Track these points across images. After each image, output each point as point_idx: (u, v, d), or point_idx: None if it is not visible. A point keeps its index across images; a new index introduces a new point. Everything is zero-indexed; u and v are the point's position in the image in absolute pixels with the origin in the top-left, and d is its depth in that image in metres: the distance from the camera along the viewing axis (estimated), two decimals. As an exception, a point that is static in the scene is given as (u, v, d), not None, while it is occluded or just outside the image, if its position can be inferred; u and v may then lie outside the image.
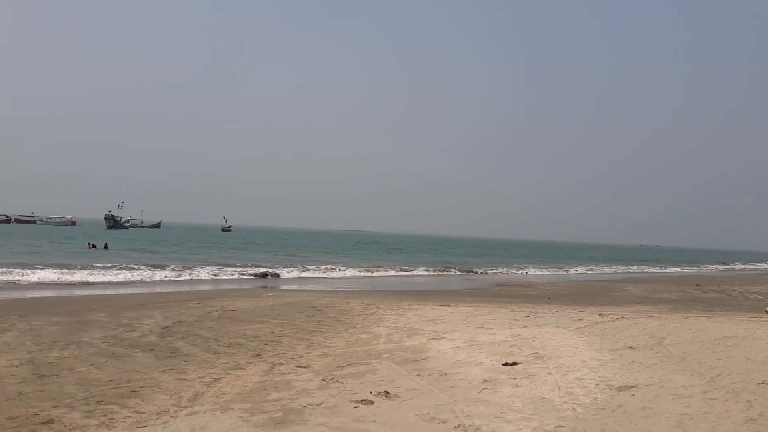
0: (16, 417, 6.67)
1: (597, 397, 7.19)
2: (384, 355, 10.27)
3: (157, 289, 24.37)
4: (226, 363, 9.80)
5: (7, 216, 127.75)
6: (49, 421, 6.52)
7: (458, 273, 44.71)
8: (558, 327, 12.95)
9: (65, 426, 6.39)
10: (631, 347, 10.38)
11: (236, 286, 26.93)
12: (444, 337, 11.86)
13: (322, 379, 8.52)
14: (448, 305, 18.40)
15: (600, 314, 15.51)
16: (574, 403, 6.94)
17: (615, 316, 14.85)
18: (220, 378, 8.72)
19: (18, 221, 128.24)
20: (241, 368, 9.42)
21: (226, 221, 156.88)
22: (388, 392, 7.62)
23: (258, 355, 10.52)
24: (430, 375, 8.64)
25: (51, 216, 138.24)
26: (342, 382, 8.31)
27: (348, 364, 9.58)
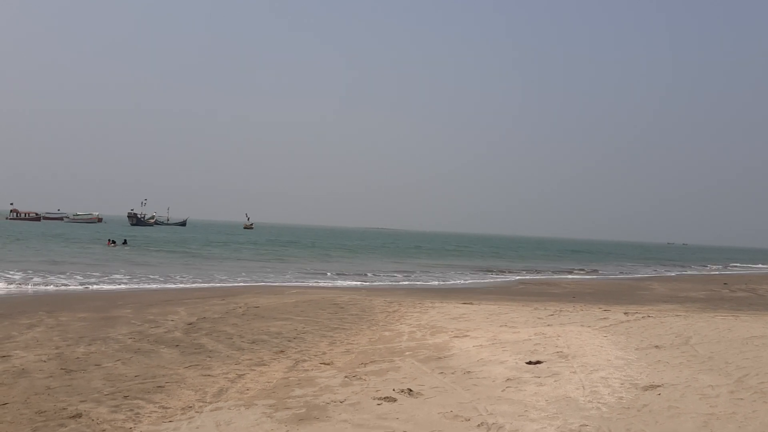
0: (45, 411, 6.77)
1: (622, 397, 7.12)
2: (407, 353, 10.26)
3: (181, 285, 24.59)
4: (250, 359, 9.86)
5: (37, 214, 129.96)
6: (77, 416, 6.61)
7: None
8: (583, 326, 12.84)
9: (93, 420, 6.47)
10: (657, 346, 10.26)
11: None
12: (467, 335, 11.82)
13: (345, 376, 8.53)
14: (471, 303, 18.34)
15: (625, 313, 15.36)
16: (599, 403, 6.87)
17: (640, 315, 14.69)
18: (244, 374, 8.78)
19: (46, 218, 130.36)
20: (264, 364, 9.48)
21: (248, 219, 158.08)
22: (411, 390, 7.62)
23: (281, 351, 10.58)
24: (453, 373, 8.62)
25: (78, 213, 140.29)
26: (365, 380, 8.32)
27: (371, 362, 9.59)
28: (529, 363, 9.00)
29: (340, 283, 29.40)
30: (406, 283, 31.54)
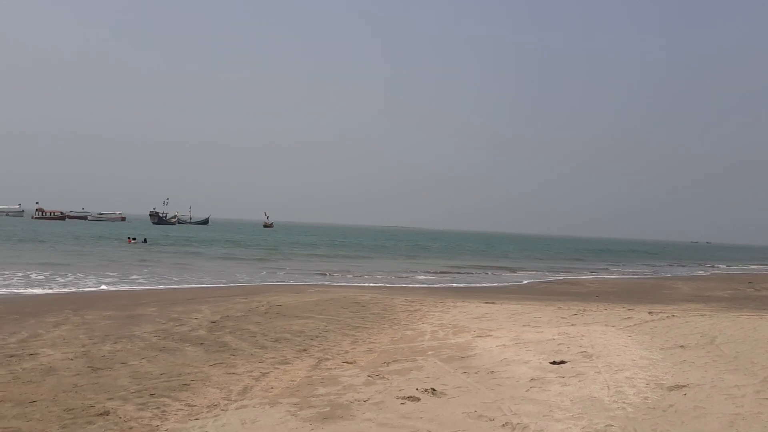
0: (73, 409, 6.86)
1: (647, 397, 7.06)
2: (429, 352, 10.26)
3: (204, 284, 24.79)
4: (273, 357, 9.92)
5: (61, 213, 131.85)
6: (104, 413, 6.70)
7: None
8: (607, 325, 12.75)
9: (120, 418, 6.55)
10: (682, 346, 10.16)
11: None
12: (490, 335, 11.79)
13: (368, 375, 8.55)
14: (494, 302, 18.29)
15: (649, 312, 15.22)
16: (624, 403, 6.83)
17: (665, 315, 14.55)
18: (268, 372, 8.83)
19: (70, 217, 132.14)
20: (288, 363, 9.53)
21: (267, 218, 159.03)
22: (434, 389, 7.61)
23: (304, 350, 10.62)
24: (476, 373, 8.60)
25: (102, 212, 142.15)
26: (388, 379, 8.33)
27: (393, 361, 9.60)
28: (553, 363, 8.96)
29: (360, 282, 29.45)
30: (426, 281, 31.52)
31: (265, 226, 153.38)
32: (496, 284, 31.15)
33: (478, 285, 30.22)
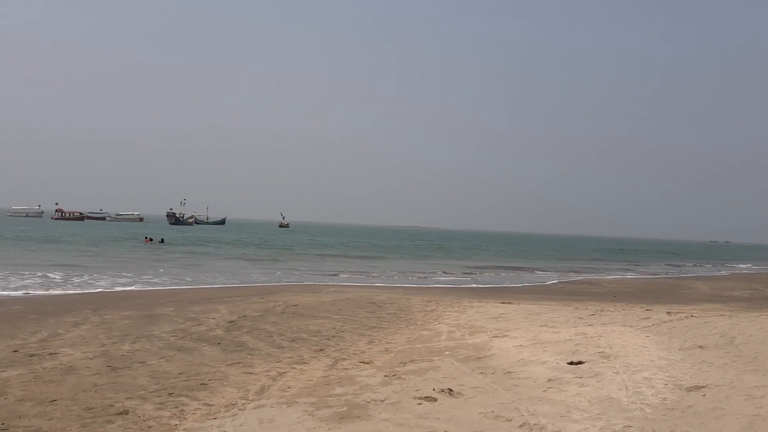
0: (93, 408, 6.93)
1: (666, 398, 7.01)
2: (446, 353, 10.25)
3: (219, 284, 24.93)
4: (290, 357, 9.96)
5: (81, 213, 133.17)
6: (124, 412, 6.76)
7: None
8: (624, 325, 12.67)
9: (139, 417, 6.60)
10: (700, 346, 10.07)
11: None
12: (507, 335, 11.76)
13: (385, 375, 8.56)
14: (510, 303, 18.23)
15: (668, 312, 15.10)
16: (643, 403, 6.78)
17: (683, 315, 14.43)
18: (285, 372, 8.87)
19: (89, 218, 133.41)
20: (305, 363, 9.56)
21: (283, 218, 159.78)
22: (451, 389, 7.61)
23: (321, 350, 10.65)
24: (493, 373, 8.58)
25: (120, 213, 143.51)
26: (404, 379, 8.33)
27: (410, 361, 9.60)
28: (571, 363, 8.92)
29: (376, 282, 29.46)
30: (442, 282, 31.48)
31: (281, 226, 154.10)
32: (512, 284, 31.05)
33: (495, 285, 30.13)
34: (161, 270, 30.30)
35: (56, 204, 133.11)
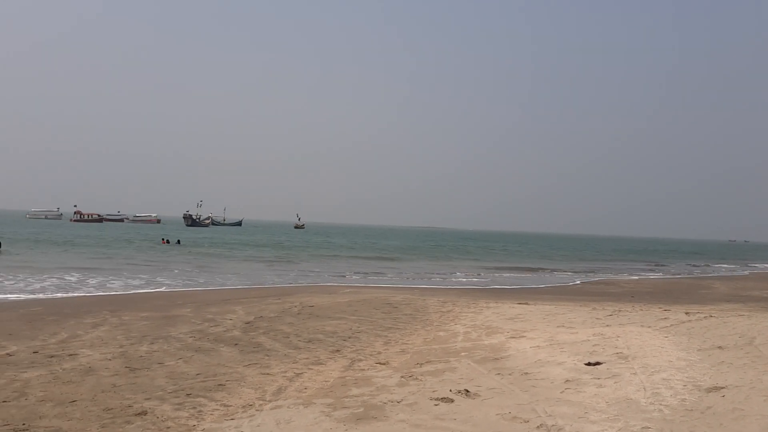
0: (112, 408, 6.99)
1: (685, 399, 6.95)
2: (462, 353, 10.23)
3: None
4: (306, 358, 9.98)
5: (99, 215, 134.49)
6: (142, 413, 6.81)
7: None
8: (642, 326, 12.58)
9: (158, 417, 6.65)
10: (719, 347, 9.97)
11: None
12: (524, 336, 11.71)
13: (401, 376, 8.56)
14: (527, 303, 18.17)
15: (686, 313, 14.97)
16: (661, 405, 6.73)
17: (702, 315, 14.30)
18: (301, 373, 8.89)
19: (107, 220, 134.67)
20: (321, 363, 9.58)
21: (299, 219, 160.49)
22: (468, 390, 7.59)
23: (337, 350, 10.67)
24: (510, 374, 8.55)
25: (138, 215, 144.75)
26: (421, 380, 8.33)
27: (426, 362, 9.59)
28: (588, 364, 8.87)
29: (392, 282, 29.46)
30: (458, 282, 31.41)
31: (297, 227, 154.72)
32: (529, 285, 30.93)
33: (512, 286, 30.04)
34: (178, 271, 30.49)
35: (75, 206, 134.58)
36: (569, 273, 41.79)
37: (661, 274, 44.92)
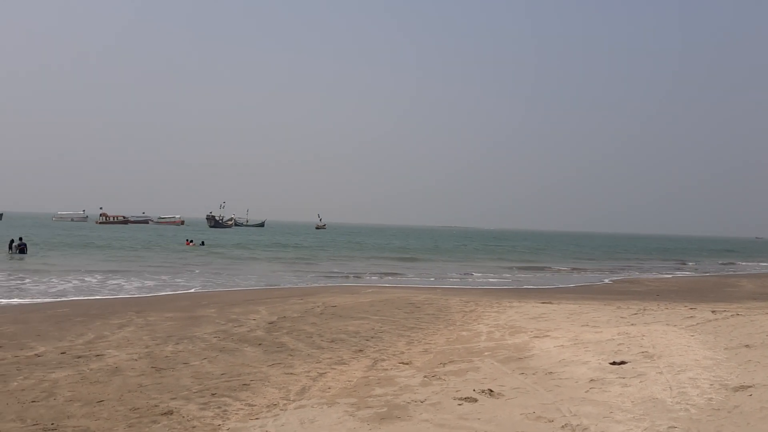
0: (138, 408, 7.07)
1: (712, 398, 6.86)
2: (486, 353, 10.20)
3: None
4: (330, 358, 10.02)
5: (124, 217, 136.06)
6: (168, 413, 6.88)
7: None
8: (668, 325, 12.45)
9: (183, 417, 6.72)
10: (747, 345, 9.83)
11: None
12: (547, 335, 11.65)
13: (425, 376, 8.55)
14: (551, 302, 18.07)
15: (713, 311, 14.78)
16: (688, 404, 6.65)
17: (729, 313, 14.10)
18: (325, 372, 8.93)
19: (132, 222, 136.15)
20: (344, 363, 9.61)
21: (320, 219, 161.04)
22: (491, 390, 7.57)
23: (360, 350, 10.70)
24: (534, 374, 8.51)
25: (162, 216, 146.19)
26: (444, 380, 8.32)
27: (449, 362, 9.58)
28: (613, 363, 8.80)
29: (413, 282, 29.45)
30: (481, 282, 31.32)
31: (318, 227, 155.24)
32: (552, 285, 30.75)
33: (535, 285, 29.88)
34: (202, 272, 30.76)
35: (100, 208, 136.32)
36: (594, 272, 41.49)
37: (686, 272, 44.41)
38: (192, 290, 22.65)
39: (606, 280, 33.70)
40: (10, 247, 38.14)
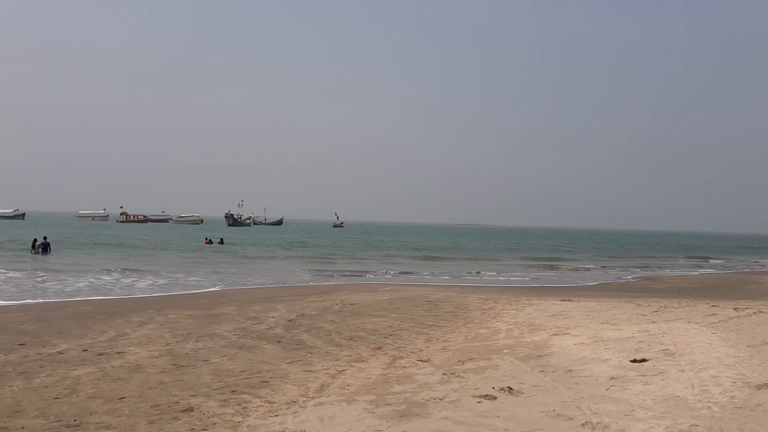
0: (159, 405, 7.13)
1: (734, 396, 6.79)
2: (505, 351, 10.17)
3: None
4: (348, 355, 10.04)
5: (144, 216, 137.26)
6: (189, 409, 6.93)
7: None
8: (689, 322, 12.33)
9: (204, 414, 6.77)
10: (771, 344, 9.72)
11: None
12: (567, 333, 11.59)
13: (443, 374, 8.54)
14: (570, 300, 17.96)
15: (735, 308, 14.62)
16: (710, 402, 6.59)
17: (751, 311, 13.95)
18: (344, 370, 8.95)
19: (152, 220, 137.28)
20: (363, 361, 9.62)
21: (337, 217, 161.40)
22: (511, 388, 7.54)
23: (379, 348, 10.70)
24: (554, 371, 8.47)
25: (182, 215, 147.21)
26: (463, 377, 8.30)
27: (468, 359, 9.55)
28: (634, 361, 8.73)
29: (432, 280, 29.40)
30: (499, 280, 31.20)
31: (335, 226, 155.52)
32: (572, 282, 30.56)
33: (554, 283, 29.72)
34: (220, 270, 30.93)
35: (121, 207, 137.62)
36: (615, 269, 41.20)
37: (708, 269, 43.95)
38: (211, 288, 22.78)
39: (626, 278, 33.45)
40: (33, 247, 38.68)
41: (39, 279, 24.01)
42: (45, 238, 39.98)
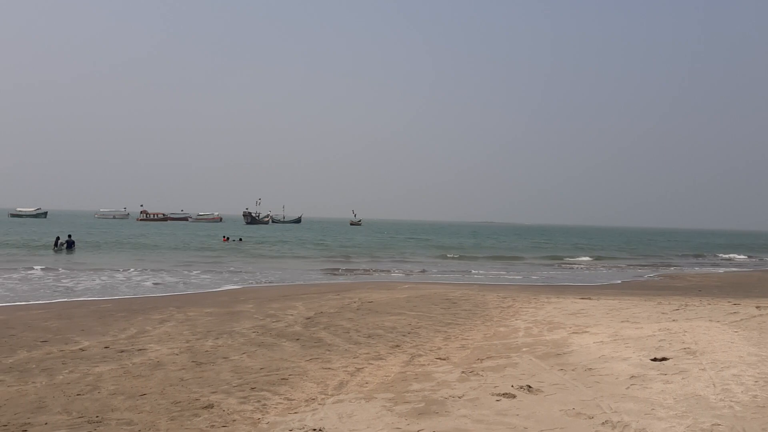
0: (180, 401, 7.19)
1: (756, 395, 6.72)
2: (524, 349, 10.13)
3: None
4: (367, 353, 10.05)
5: (164, 214, 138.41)
6: (209, 406, 6.99)
7: None
8: (711, 320, 12.21)
9: (224, 411, 6.81)
10: (794, 343, 9.60)
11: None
12: (587, 331, 11.52)
13: (462, 372, 8.53)
14: (590, 298, 17.84)
15: (757, 307, 14.45)
16: (732, 401, 6.52)
17: (774, 310, 13.78)
18: (362, 368, 8.96)
19: (171, 219, 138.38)
20: (381, 359, 9.63)
21: (355, 215, 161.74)
22: (530, 386, 7.51)
23: (397, 346, 10.71)
24: (573, 370, 8.42)
25: (201, 213, 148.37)
26: (482, 375, 8.28)
27: (487, 357, 9.53)
28: (654, 360, 8.66)
29: (450, 278, 29.34)
30: (517, 279, 31.06)
31: (353, 224, 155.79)
32: (591, 280, 30.35)
33: (572, 281, 29.53)
34: (239, 268, 31.09)
35: (141, 206, 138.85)
36: (634, 267, 40.85)
37: (729, 267, 43.45)
38: (230, 286, 22.90)
39: (646, 276, 33.16)
40: (56, 244, 39.17)
41: (61, 276, 24.29)
42: (69, 236, 40.52)
